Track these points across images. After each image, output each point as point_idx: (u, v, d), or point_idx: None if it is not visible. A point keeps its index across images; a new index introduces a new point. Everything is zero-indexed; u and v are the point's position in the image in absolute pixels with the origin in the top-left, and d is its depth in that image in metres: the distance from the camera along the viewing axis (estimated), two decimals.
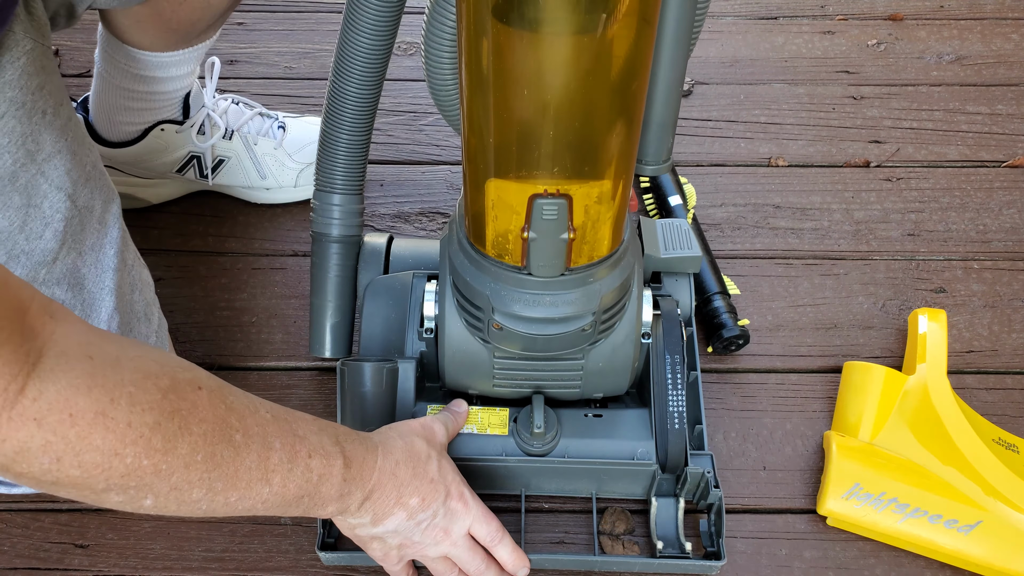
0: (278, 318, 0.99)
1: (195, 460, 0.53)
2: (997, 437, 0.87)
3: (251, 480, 0.57)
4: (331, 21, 1.29)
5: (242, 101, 1.06)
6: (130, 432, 0.49)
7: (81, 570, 0.81)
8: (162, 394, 0.51)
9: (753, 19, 1.31)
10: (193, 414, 0.53)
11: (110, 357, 0.50)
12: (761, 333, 0.97)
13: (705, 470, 0.77)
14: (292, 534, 0.83)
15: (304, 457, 0.60)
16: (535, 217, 0.62)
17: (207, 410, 0.54)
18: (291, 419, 0.61)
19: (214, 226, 1.06)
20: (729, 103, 1.20)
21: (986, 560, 0.80)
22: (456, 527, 0.71)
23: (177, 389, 0.52)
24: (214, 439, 0.54)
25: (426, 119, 1.17)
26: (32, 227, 0.66)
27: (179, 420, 0.52)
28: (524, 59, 0.54)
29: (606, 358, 0.76)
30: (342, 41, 0.76)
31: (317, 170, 0.84)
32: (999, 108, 1.20)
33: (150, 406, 0.50)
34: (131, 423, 0.49)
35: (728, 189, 1.11)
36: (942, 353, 0.89)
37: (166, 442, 0.51)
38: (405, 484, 0.67)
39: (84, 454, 0.48)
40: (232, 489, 0.56)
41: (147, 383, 0.51)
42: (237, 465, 0.55)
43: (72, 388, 0.47)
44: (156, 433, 0.50)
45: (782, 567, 0.83)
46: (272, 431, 0.58)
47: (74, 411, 0.47)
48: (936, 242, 1.06)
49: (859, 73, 1.24)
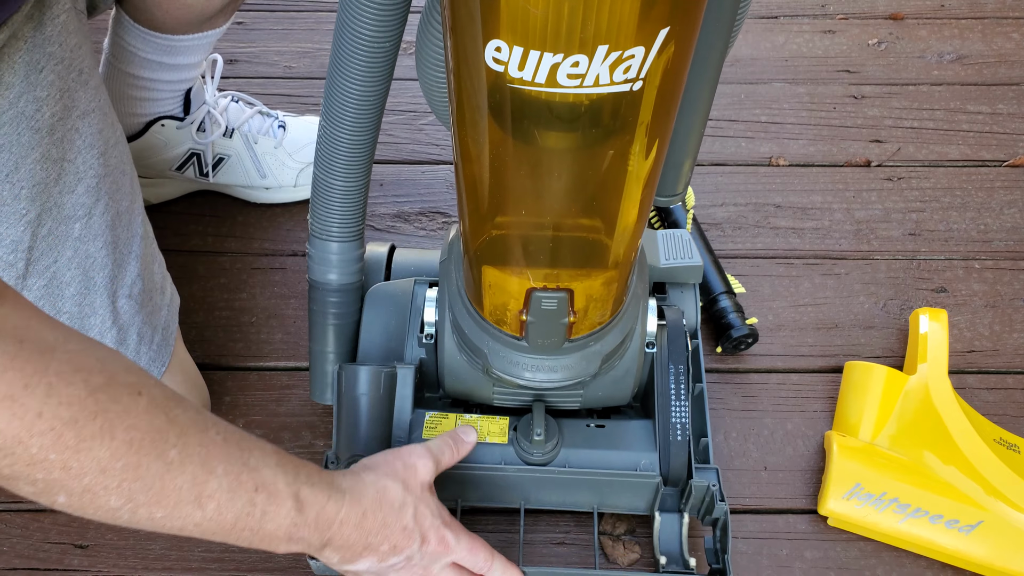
0: (277, 318, 0.99)
1: (113, 467, 0.50)
2: (998, 437, 0.87)
3: (180, 501, 0.53)
4: (331, 20, 1.29)
5: (242, 99, 1.06)
6: (39, 422, 0.47)
7: (81, 570, 0.81)
8: (89, 391, 0.49)
9: (754, 18, 1.31)
10: (122, 419, 0.50)
11: (44, 344, 0.48)
12: (762, 333, 0.97)
13: (711, 483, 0.75)
14: None
15: (249, 490, 0.57)
16: (534, 306, 0.60)
17: (141, 418, 0.51)
18: (247, 447, 0.57)
19: (213, 226, 1.06)
20: (730, 102, 1.20)
21: (987, 560, 0.79)
22: (436, 565, 0.69)
23: (111, 389, 0.50)
24: (141, 449, 0.51)
25: (426, 119, 1.17)
26: (66, 181, 0.67)
27: (103, 421, 0.49)
28: (524, 166, 0.51)
29: (607, 389, 0.76)
30: (332, 78, 0.67)
31: (312, 216, 0.77)
32: (1000, 107, 1.20)
33: (70, 401, 0.48)
34: (42, 413, 0.47)
35: (729, 189, 1.10)
36: (943, 353, 0.89)
37: (80, 441, 0.48)
38: (374, 532, 0.64)
39: None
40: (156, 505, 0.53)
41: (74, 377, 0.49)
42: (165, 482, 0.52)
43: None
44: (70, 429, 0.48)
45: (783, 567, 0.82)
46: (217, 455, 0.55)
47: None
48: (937, 242, 1.06)
49: (860, 72, 1.24)
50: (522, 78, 0.43)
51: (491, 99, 0.46)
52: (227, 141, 1.03)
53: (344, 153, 0.69)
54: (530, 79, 0.43)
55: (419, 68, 0.69)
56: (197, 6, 0.88)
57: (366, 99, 0.66)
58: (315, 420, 0.91)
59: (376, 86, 0.66)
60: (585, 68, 0.42)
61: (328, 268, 0.78)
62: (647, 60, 0.42)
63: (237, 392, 0.93)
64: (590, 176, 0.51)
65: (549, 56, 0.41)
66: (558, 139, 0.48)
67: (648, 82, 0.44)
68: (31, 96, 0.65)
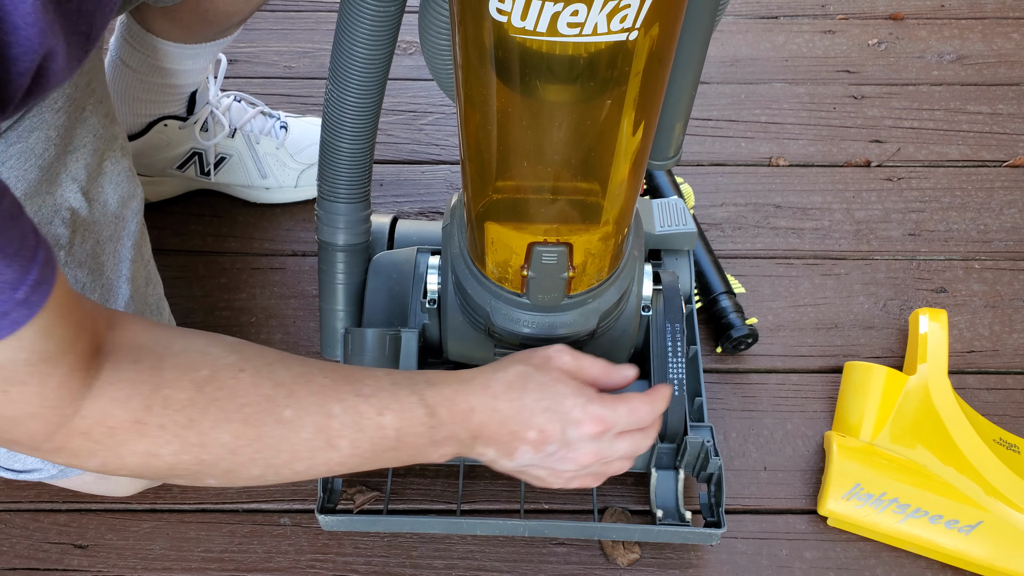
0: (277, 318, 0.99)
1: (240, 446, 0.54)
2: (998, 437, 0.87)
3: (313, 450, 0.57)
4: (331, 20, 1.29)
5: (244, 99, 1.06)
6: (163, 434, 0.52)
7: (80, 570, 0.81)
8: (197, 389, 0.53)
9: (753, 18, 1.31)
10: (232, 401, 0.54)
11: (154, 357, 0.53)
12: (762, 333, 0.97)
13: (705, 440, 0.77)
14: (292, 535, 0.83)
15: (373, 415, 0.58)
16: (534, 260, 0.62)
17: (250, 393, 0.55)
18: (357, 379, 0.59)
19: (213, 226, 1.06)
20: (729, 102, 1.20)
21: (987, 560, 0.79)
22: (609, 448, 0.63)
23: (215, 379, 0.54)
24: (259, 421, 0.55)
25: (426, 119, 1.17)
26: (43, 213, 0.67)
27: (216, 412, 0.53)
28: (525, 119, 0.53)
29: (604, 351, 0.76)
30: (338, 40, 0.71)
31: (319, 178, 0.80)
32: (1000, 108, 1.20)
33: (183, 405, 0.53)
34: (164, 425, 0.52)
35: (729, 189, 1.10)
36: (943, 353, 0.89)
37: (202, 436, 0.53)
38: (512, 417, 0.61)
39: (126, 457, 0.52)
40: (294, 461, 0.57)
41: (183, 381, 0.53)
42: (292, 441, 0.56)
43: (113, 402, 0.51)
44: (190, 430, 0.53)
45: (783, 567, 0.82)
46: (330, 398, 0.57)
47: (113, 423, 0.51)
48: (937, 242, 1.06)
49: (860, 72, 1.24)
50: (524, 27, 0.45)
51: (494, 52, 0.49)
52: (229, 141, 1.03)
53: (350, 115, 0.72)
54: (532, 28, 0.45)
55: (423, 37, 0.71)
56: (217, 21, 0.89)
57: (372, 61, 0.69)
58: None
59: (382, 48, 0.69)
60: (584, 16, 0.44)
61: (336, 229, 0.80)
62: (643, 9, 0.45)
63: None
64: (588, 129, 0.53)
65: (550, 5, 0.44)
66: (558, 92, 0.50)
67: (643, 32, 0.46)
68: (42, 134, 0.65)
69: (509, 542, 0.83)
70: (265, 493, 0.86)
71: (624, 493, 0.86)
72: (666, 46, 0.51)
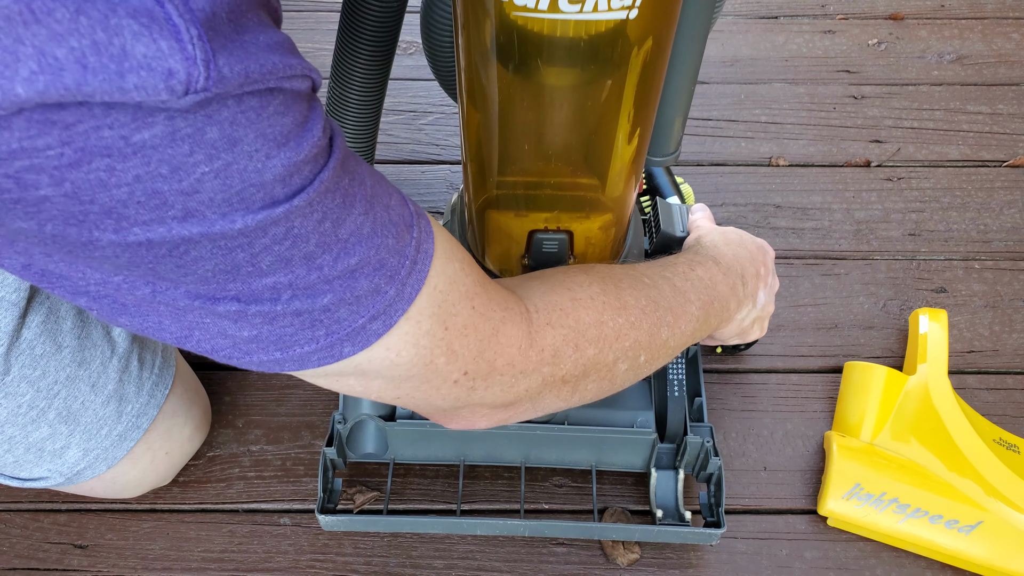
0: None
1: (646, 306, 0.60)
2: (998, 437, 0.87)
3: (682, 303, 0.63)
4: (331, 20, 1.29)
5: None
6: (594, 302, 0.58)
7: (80, 570, 0.81)
8: (598, 280, 0.60)
9: (753, 18, 1.31)
10: (619, 283, 0.60)
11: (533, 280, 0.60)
12: None
13: (705, 439, 0.77)
14: (291, 535, 0.83)
15: (688, 271, 0.67)
16: (535, 249, 0.63)
17: (618, 277, 0.61)
18: (648, 264, 0.67)
19: None
20: (729, 102, 1.20)
21: (987, 561, 0.79)
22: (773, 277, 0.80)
23: (598, 273, 0.61)
24: (642, 286, 0.61)
25: (426, 119, 1.17)
26: None
27: (616, 287, 0.60)
28: (525, 103, 0.54)
29: None
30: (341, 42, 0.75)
31: None
32: (1000, 108, 1.20)
33: (589, 282, 0.59)
34: (592, 296, 0.58)
35: (728, 189, 1.10)
36: (943, 353, 0.89)
37: (619, 300, 0.59)
38: (749, 258, 0.74)
39: (585, 330, 0.57)
40: (679, 319, 0.63)
41: (578, 276, 0.60)
42: (668, 298, 0.63)
43: (549, 292, 0.57)
44: (611, 296, 0.59)
45: (783, 567, 0.82)
46: (655, 272, 0.65)
47: (560, 308, 0.56)
48: (937, 242, 1.06)
49: (860, 73, 1.24)
50: (525, 5, 0.46)
51: (496, 35, 0.49)
52: None
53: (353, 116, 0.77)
54: (533, 6, 0.46)
55: (425, 35, 0.72)
56: None
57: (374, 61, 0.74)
58: (315, 420, 0.91)
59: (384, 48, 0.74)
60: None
61: None
62: None
63: (237, 392, 0.93)
64: (589, 114, 0.54)
65: None
66: (560, 75, 0.51)
67: (643, 10, 0.47)
68: None
69: (509, 542, 0.83)
70: (266, 493, 0.86)
71: (624, 493, 0.86)
72: (665, 27, 0.51)
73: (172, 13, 0.32)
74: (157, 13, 0.32)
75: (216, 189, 0.36)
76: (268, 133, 0.37)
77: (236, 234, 0.38)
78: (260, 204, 0.38)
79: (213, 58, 0.33)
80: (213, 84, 0.34)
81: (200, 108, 0.34)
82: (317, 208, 0.40)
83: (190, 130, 0.34)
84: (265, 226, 0.39)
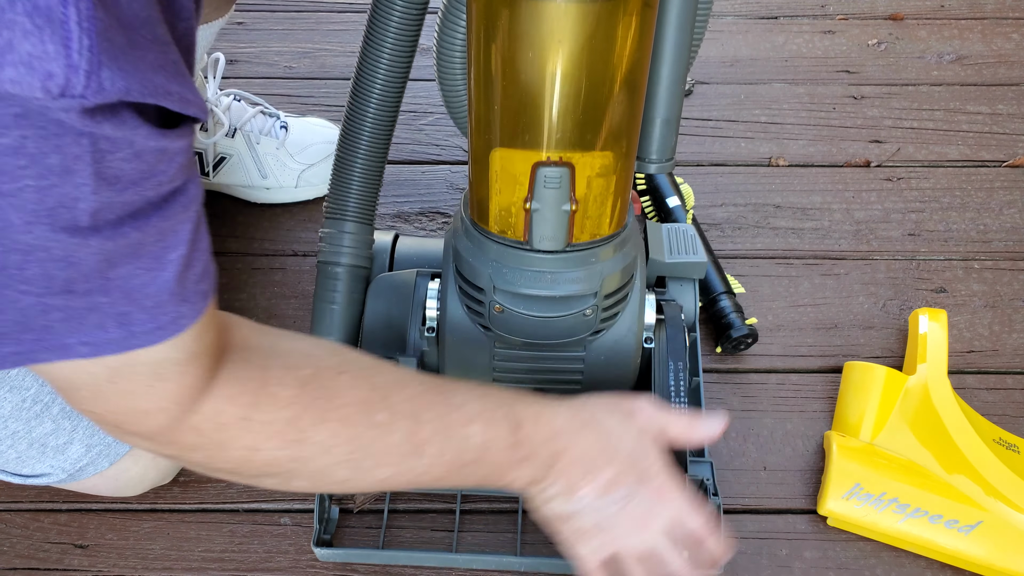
0: (277, 318, 0.99)
1: (335, 446, 0.55)
2: (998, 437, 0.87)
3: (402, 455, 0.57)
4: (331, 21, 1.29)
5: (244, 98, 1.06)
6: (266, 429, 0.53)
7: (81, 570, 0.81)
8: (301, 386, 0.54)
9: (753, 18, 1.31)
10: (332, 401, 0.55)
11: (262, 357, 0.55)
12: (761, 333, 0.97)
13: (704, 477, 0.76)
14: (292, 534, 0.83)
15: (460, 425, 0.59)
16: (538, 186, 0.63)
17: (348, 394, 0.56)
18: (449, 390, 0.61)
19: (214, 226, 1.05)
20: (729, 103, 1.20)
21: (987, 560, 0.79)
22: (655, 521, 0.63)
23: (318, 378, 0.56)
24: (354, 423, 0.56)
25: (426, 119, 1.17)
26: None
27: (316, 411, 0.54)
28: (529, 25, 0.56)
29: (607, 351, 0.76)
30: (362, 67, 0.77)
31: (329, 198, 0.82)
32: (1000, 108, 1.20)
33: (287, 402, 0.54)
34: (268, 422, 0.53)
35: (728, 189, 1.11)
36: (943, 353, 0.89)
37: (300, 434, 0.54)
38: (595, 451, 0.62)
39: (230, 451, 0.54)
40: (382, 466, 0.58)
41: (288, 378, 0.55)
42: (384, 443, 0.57)
43: (225, 399, 0.52)
44: (292, 427, 0.54)
45: (782, 567, 0.83)
46: (422, 405, 0.59)
47: (223, 420, 0.52)
48: (937, 242, 1.06)
49: (859, 73, 1.24)
50: None
51: None
52: (229, 141, 1.03)
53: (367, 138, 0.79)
54: None
55: (441, 74, 0.76)
56: None
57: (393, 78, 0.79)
58: None
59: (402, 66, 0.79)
60: None
61: (340, 247, 0.82)
62: None
63: None
64: (587, 40, 0.56)
65: None
66: None
67: None
68: None
69: (510, 545, 0.83)
70: (266, 493, 0.86)
71: None
72: None
73: (71, 18, 0.33)
74: (56, 15, 0.33)
75: (32, 200, 0.38)
76: (105, 173, 0.39)
77: (23, 242, 0.40)
78: (62, 226, 0.39)
79: (97, 70, 0.34)
80: (92, 94, 0.35)
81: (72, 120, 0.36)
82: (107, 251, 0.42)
83: (34, 148, 0.36)
84: (51, 245, 0.40)
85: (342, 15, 1.30)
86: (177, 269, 0.46)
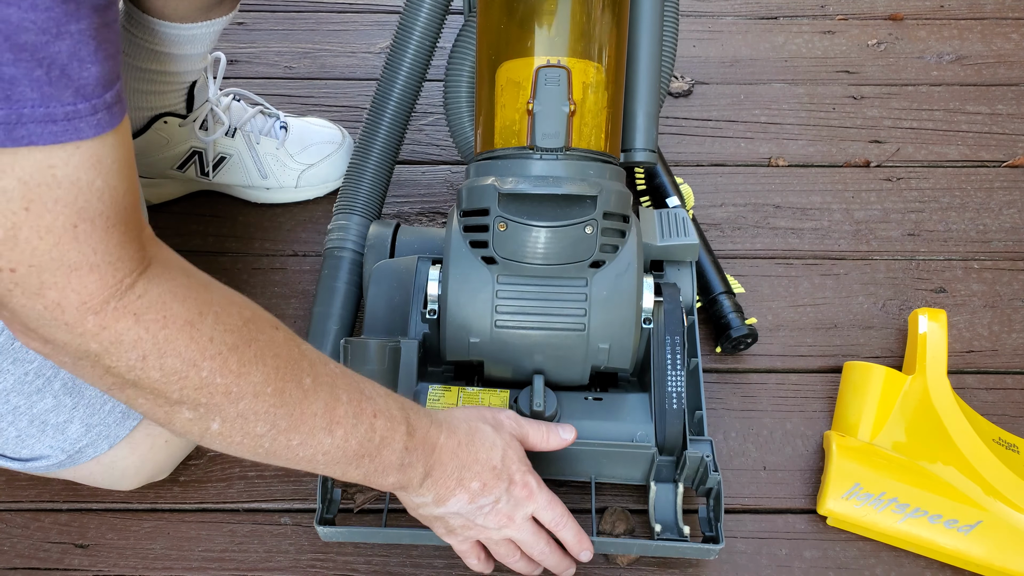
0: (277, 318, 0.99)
1: (264, 391, 0.55)
2: (997, 437, 0.87)
3: (315, 427, 0.58)
4: (331, 21, 1.29)
5: (244, 97, 1.06)
6: (211, 346, 0.52)
7: (81, 570, 0.81)
8: (243, 321, 0.54)
9: (753, 19, 1.31)
10: (269, 348, 0.55)
11: (203, 279, 0.54)
12: (761, 333, 0.97)
13: (704, 454, 0.76)
14: (292, 534, 0.83)
15: (369, 416, 0.61)
16: (539, 86, 0.71)
17: (282, 348, 0.56)
18: (359, 379, 0.63)
19: (214, 226, 1.06)
20: (729, 103, 1.20)
21: (986, 560, 0.80)
22: (519, 513, 0.70)
23: (257, 322, 0.56)
24: (285, 376, 0.56)
25: (426, 119, 1.17)
26: None
27: (256, 349, 0.54)
28: None
29: (610, 286, 0.76)
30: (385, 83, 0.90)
31: (342, 194, 0.93)
32: (999, 108, 1.20)
33: (231, 328, 0.53)
34: (213, 338, 0.52)
35: (728, 189, 1.11)
36: (942, 353, 0.89)
37: (240, 366, 0.53)
38: (467, 467, 0.67)
39: (167, 357, 0.51)
40: (295, 431, 0.57)
41: (231, 308, 0.54)
42: (304, 408, 0.57)
43: (170, 294, 0.51)
44: (233, 354, 0.53)
45: (782, 567, 0.83)
46: (341, 384, 0.60)
47: (168, 314, 0.50)
48: (936, 242, 1.06)
49: (859, 73, 1.24)
50: None
51: None
52: (229, 140, 1.03)
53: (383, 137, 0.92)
54: None
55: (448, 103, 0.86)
56: None
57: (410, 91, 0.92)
58: None
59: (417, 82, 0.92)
60: None
61: (347, 237, 0.91)
62: None
63: None
64: None
65: None
66: None
67: None
68: None
69: None
70: (266, 493, 0.86)
71: (623, 493, 0.86)
72: None
73: None
74: None
75: None
76: None
77: None
78: None
79: None
80: None
81: None
82: None
83: None
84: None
85: (342, 15, 1.30)
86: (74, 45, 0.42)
